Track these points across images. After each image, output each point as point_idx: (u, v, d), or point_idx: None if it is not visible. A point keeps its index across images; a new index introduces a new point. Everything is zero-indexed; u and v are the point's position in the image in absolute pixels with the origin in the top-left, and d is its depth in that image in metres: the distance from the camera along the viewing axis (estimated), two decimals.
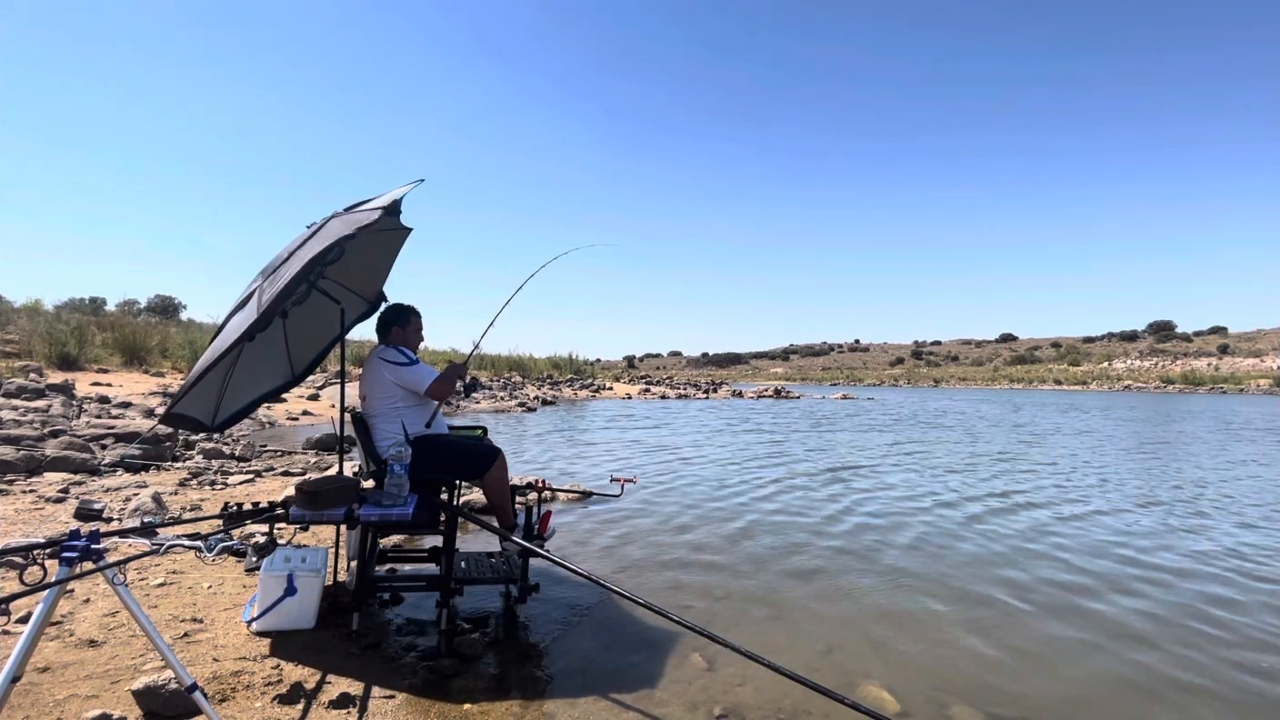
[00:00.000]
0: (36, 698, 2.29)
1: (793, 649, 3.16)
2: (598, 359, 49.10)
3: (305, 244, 2.65)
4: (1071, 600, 3.92)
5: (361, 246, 3.36)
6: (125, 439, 7.57)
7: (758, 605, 3.73)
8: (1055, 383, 58.01)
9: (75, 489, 5.37)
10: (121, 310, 24.97)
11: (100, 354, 15.60)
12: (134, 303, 27.84)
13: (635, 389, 31.76)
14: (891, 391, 46.77)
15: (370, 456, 3.24)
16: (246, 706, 2.35)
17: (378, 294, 3.77)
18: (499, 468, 3.28)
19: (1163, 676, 2.99)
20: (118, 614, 2.98)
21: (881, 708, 2.58)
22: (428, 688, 2.61)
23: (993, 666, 3.05)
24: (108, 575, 1.87)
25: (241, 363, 3.34)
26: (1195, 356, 65.06)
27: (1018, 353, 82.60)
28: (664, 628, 3.25)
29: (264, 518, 2.81)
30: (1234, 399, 36.80)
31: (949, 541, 5.16)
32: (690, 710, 2.56)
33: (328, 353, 4.02)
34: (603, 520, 5.59)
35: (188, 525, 4.31)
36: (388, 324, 3.44)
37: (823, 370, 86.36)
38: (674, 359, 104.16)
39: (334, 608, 3.17)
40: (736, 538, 5.16)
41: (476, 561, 3.49)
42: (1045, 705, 2.72)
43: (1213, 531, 5.60)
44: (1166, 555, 4.88)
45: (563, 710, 2.52)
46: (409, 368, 3.22)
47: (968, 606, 3.79)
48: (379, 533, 3.28)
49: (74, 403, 10.12)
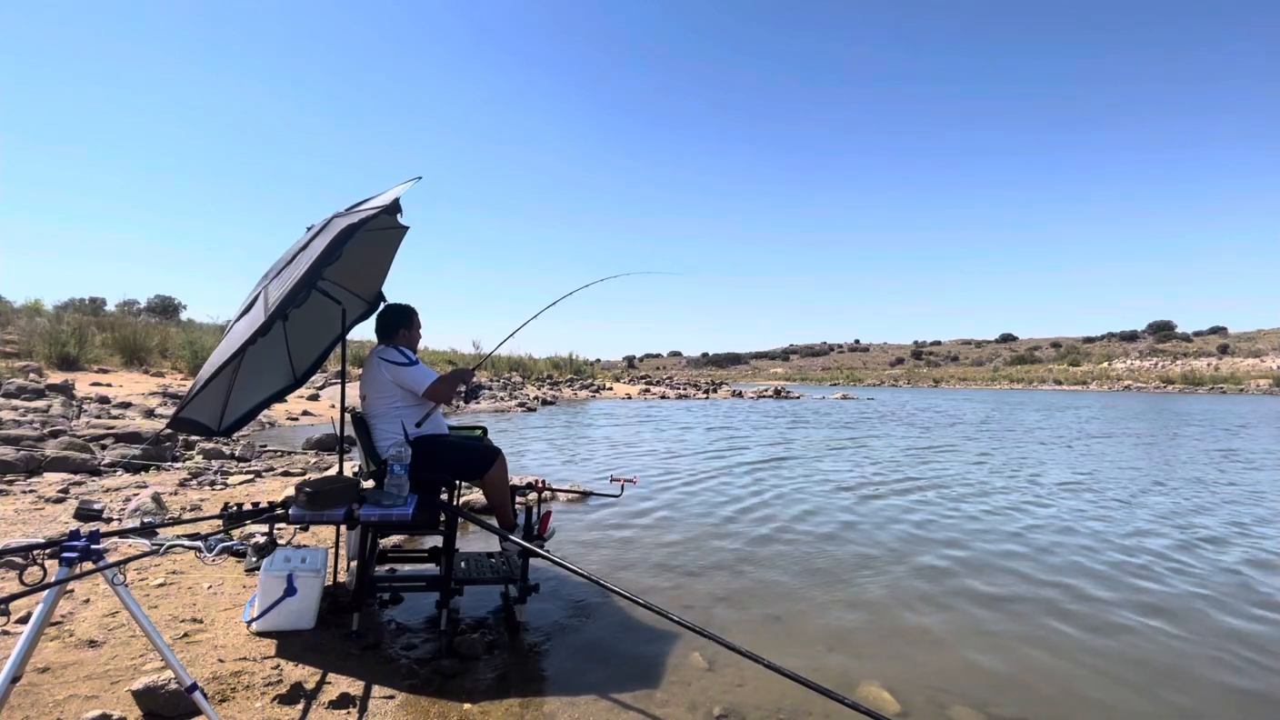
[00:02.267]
0: (36, 698, 2.29)
1: (793, 649, 3.16)
2: (598, 359, 49.07)
3: (308, 245, 2.66)
4: (1071, 600, 3.92)
5: (359, 247, 3.36)
6: (125, 439, 7.57)
7: (758, 605, 3.73)
8: (1055, 383, 58.02)
9: (75, 489, 5.37)
10: (121, 310, 24.95)
11: (100, 354, 15.59)
12: (134, 303, 27.83)
13: (635, 389, 31.76)
14: (891, 392, 46.77)
15: (370, 457, 3.24)
16: (246, 707, 2.35)
17: (377, 294, 3.78)
18: (499, 468, 3.28)
19: (1163, 676, 2.99)
20: (117, 614, 2.98)
21: (881, 708, 2.59)
22: (428, 688, 2.61)
23: (993, 666, 3.05)
24: (107, 575, 1.87)
25: (245, 367, 3.35)
26: (1195, 356, 65.06)
27: (1018, 353, 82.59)
28: (664, 628, 3.25)
29: (264, 518, 2.81)
30: (1233, 399, 36.82)
31: (950, 541, 5.17)
32: (690, 710, 2.56)
33: (329, 354, 4.02)
34: (603, 520, 5.59)
35: (188, 525, 4.30)
36: (394, 324, 3.43)
37: (823, 370, 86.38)
38: (674, 359, 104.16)
39: (334, 608, 3.17)
40: (737, 538, 5.16)
41: (476, 561, 3.49)
42: (1045, 705, 2.72)
43: (1208, 527, 5.62)
44: (1166, 554, 4.89)
45: (563, 710, 2.52)
46: (408, 368, 3.21)
47: (967, 606, 3.79)
48: (379, 533, 3.28)
49: (74, 403, 10.12)
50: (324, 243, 2.50)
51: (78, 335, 14.95)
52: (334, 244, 2.49)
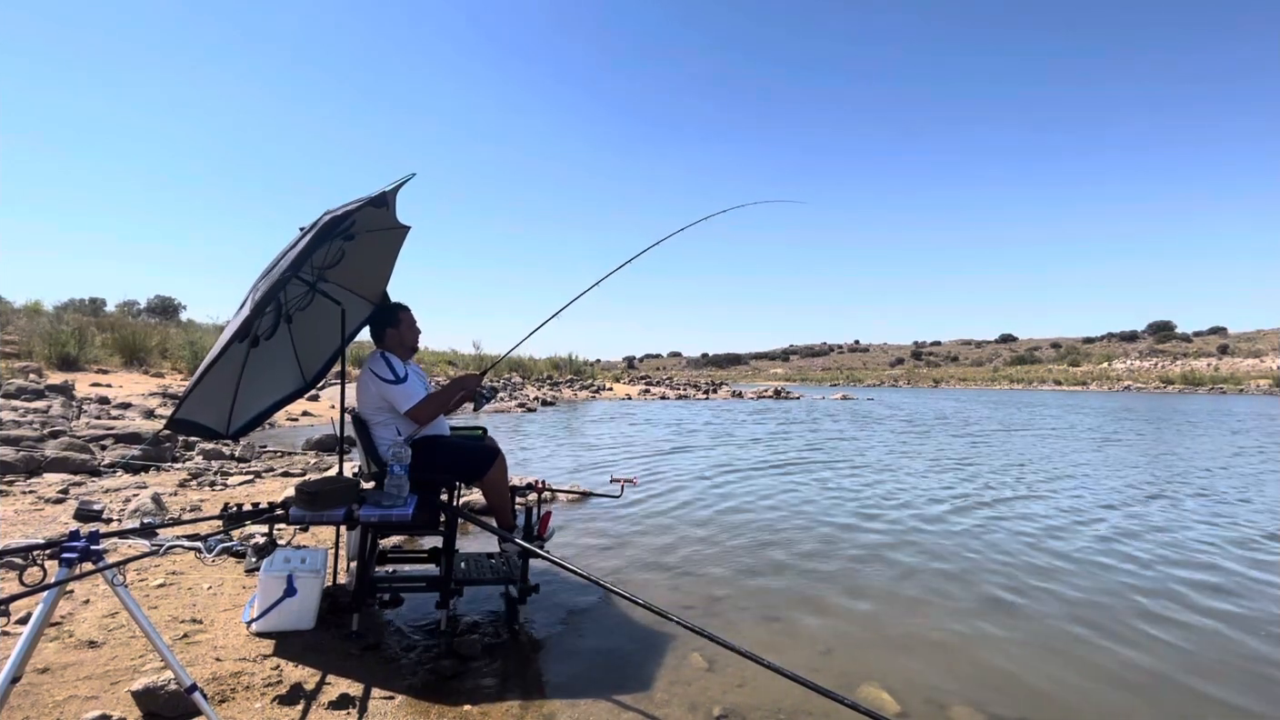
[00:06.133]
0: (36, 698, 2.29)
1: (793, 649, 3.16)
2: (597, 359, 49.06)
3: (298, 243, 2.66)
4: (1072, 600, 3.92)
5: (361, 248, 3.36)
6: (125, 440, 7.57)
7: (758, 605, 3.73)
8: (1055, 383, 58.00)
9: (75, 490, 5.37)
10: (121, 311, 24.92)
11: (100, 354, 15.59)
12: (134, 303, 27.78)
13: (635, 389, 31.75)
14: (891, 392, 46.76)
15: (370, 457, 3.24)
16: (246, 707, 2.35)
17: (381, 295, 3.77)
18: (498, 469, 3.28)
19: (1163, 675, 2.99)
20: (117, 615, 2.98)
21: (881, 708, 2.58)
22: (427, 688, 2.61)
23: (992, 666, 3.05)
24: (107, 576, 1.87)
25: (251, 370, 3.34)
26: (1195, 357, 65.09)
27: (1018, 353, 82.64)
28: (664, 628, 3.25)
29: (264, 518, 2.81)
30: (1232, 399, 36.81)
31: (950, 542, 5.17)
32: (690, 710, 2.56)
33: (337, 357, 4.00)
34: (602, 521, 5.59)
35: (187, 526, 4.30)
36: (380, 326, 3.41)
37: (822, 371, 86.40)
38: (674, 359, 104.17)
39: (334, 608, 3.17)
40: (737, 538, 5.16)
41: (476, 562, 3.49)
42: (1045, 705, 2.72)
43: (1204, 526, 5.61)
44: (1165, 555, 4.89)
45: (563, 710, 2.52)
46: (394, 385, 3.15)
47: (967, 606, 3.79)
48: (379, 533, 3.28)
49: (74, 403, 10.12)
50: (309, 238, 2.49)
51: (78, 335, 14.96)
52: (318, 236, 2.48)
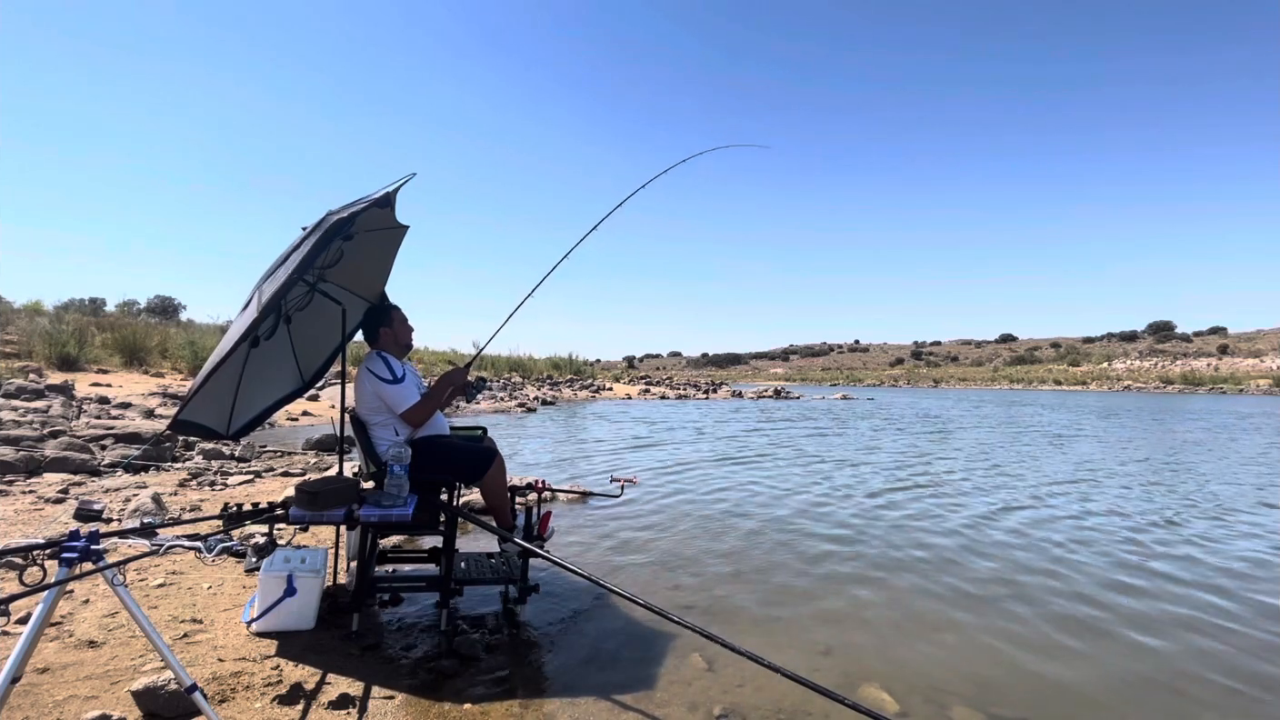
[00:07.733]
0: (36, 698, 2.29)
1: (793, 649, 3.16)
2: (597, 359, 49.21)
3: (301, 244, 2.65)
4: (1069, 599, 3.92)
5: (360, 248, 3.36)
6: (125, 439, 7.57)
7: (758, 605, 3.73)
8: (1055, 383, 58.00)
9: (75, 490, 5.37)
10: (121, 311, 24.91)
11: (100, 354, 15.59)
12: (134, 303, 27.77)
13: (635, 389, 31.74)
14: (890, 392, 46.76)
15: (370, 457, 3.24)
16: (246, 707, 2.35)
17: (380, 295, 3.77)
18: (497, 469, 3.27)
19: (1163, 675, 2.99)
20: (117, 614, 2.98)
21: (881, 708, 2.59)
22: (427, 688, 2.61)
23: (993, 667, 3.05)
24: (107, 576, 1.87)
25: (251, 370, 3.34)
26: (1195, 357, 65.10)
27: (1017, 353, 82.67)
28: (664, 628, 3.25)
29: (264, 518, 2.81)
30: (1231, 399, 36.81)
31: (951, 543, 5.17)
32: (690, 710, 2.56)
33: (336, 356, 4.01)
34: (603, 521, 5.59)
35: (187, 526, 4.30)
36: (374, 326, 3.41)
37: (822, 371, 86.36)
38: (674, 359, 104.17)
39: (334, 608, 3.16)
40: (736, 538, 5.16)
41: (476, 562, 3.49)
42: (1045, 705, 2.72)
43: (1203, 525, 5.61)
44: (1164, 553, 4.89)
45: (563, 710, 2.52)
46: (391, 385, 3.16)
47: (967, 606, 3.79)
48: (379, 533, 3.28)
49: (74, 403, 10.11)
50: (315, 238, 2.49)
51: (78, 336, 14.95)
52: (324, 238, 2.49)
